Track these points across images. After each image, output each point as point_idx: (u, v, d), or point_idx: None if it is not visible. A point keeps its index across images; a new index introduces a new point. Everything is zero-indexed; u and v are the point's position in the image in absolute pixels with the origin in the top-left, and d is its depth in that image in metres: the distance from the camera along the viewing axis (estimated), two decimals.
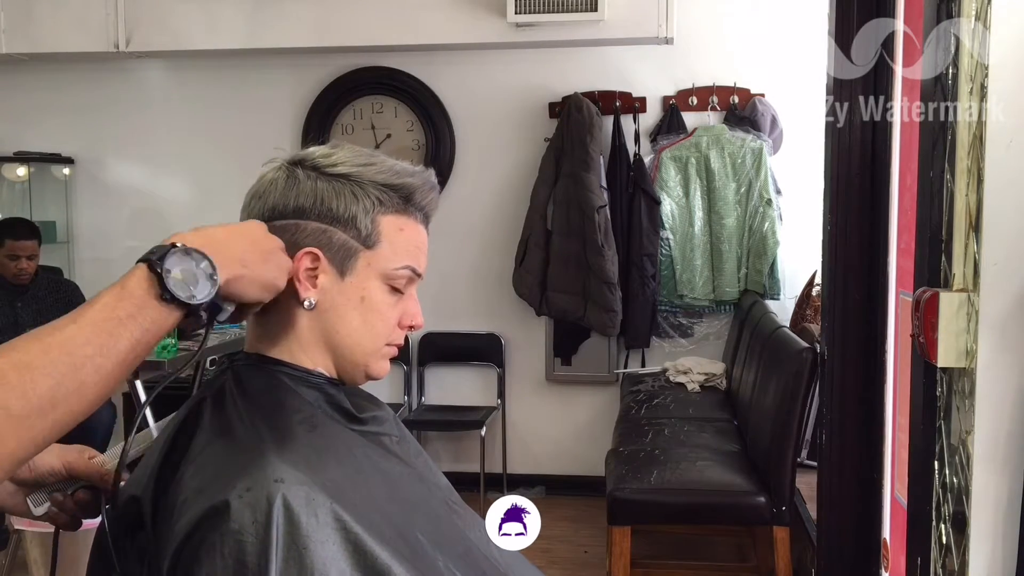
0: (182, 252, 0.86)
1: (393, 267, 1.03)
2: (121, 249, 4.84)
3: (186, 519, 0.87)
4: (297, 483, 0.87)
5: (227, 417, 0.96)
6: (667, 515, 3.17)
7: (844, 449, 2.39)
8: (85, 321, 0.80)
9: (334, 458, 0.95)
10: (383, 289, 1.04)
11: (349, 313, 1.02)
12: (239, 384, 1.00)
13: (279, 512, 0.85)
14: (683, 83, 4.35)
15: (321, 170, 1.02)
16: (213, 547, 0.84)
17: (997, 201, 1.40)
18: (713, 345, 4.45)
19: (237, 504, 0.85)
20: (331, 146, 1.06)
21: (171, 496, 0.91)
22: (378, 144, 4.53)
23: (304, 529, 0.86)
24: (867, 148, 2.31)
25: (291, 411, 0.98)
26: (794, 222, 4.24)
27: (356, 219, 1.01)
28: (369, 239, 1.02)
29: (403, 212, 1.04)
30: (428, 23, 4.08)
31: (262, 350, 1.03)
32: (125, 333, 0.81)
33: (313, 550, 0.85)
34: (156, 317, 0.84)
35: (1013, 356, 1.42)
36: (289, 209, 1.01)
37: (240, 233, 0.95)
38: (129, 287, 0.84)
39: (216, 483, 0.87)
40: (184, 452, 0.95)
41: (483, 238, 4.53)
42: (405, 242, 1.04)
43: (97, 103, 4.76)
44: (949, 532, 1.52)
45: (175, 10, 4.23)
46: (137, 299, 0.83)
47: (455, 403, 4.62)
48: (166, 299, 0.84)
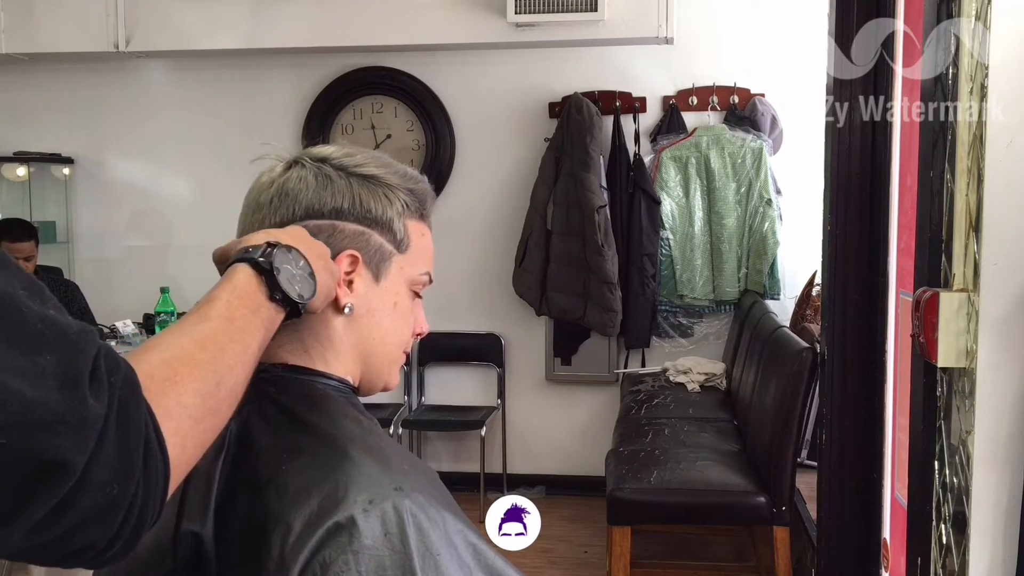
0: (284, 250, 0.83)
1: (418, 272, 1.01)
2: (121, 249, 4.85)
3: (299, 545, 0.79)
4: (412, 490, 0.84)
5: (290, 434, 0.89)
6: (667, 515, 3.16)
7: (844, 449, 2.39)
8: (220, 319, 0.76)
9: (410, 467, 0.91)
10: (408, 295, 1.01)
11: (385, 319, 0.98)
12: (283, 399, 0.92)
13: (410, 521, 0.81)
14: (683, 83, 4.35)
15: (349, 170, 0.97)
16: (346, 567, 0.78)
17: (997, 201, 1.41)
18: (713, 345, 4.45)
19: (364, 519, 0.80)
20: (340, 146, 1.01)
21: (238, 528, 0.84)
22: (378, 144, 4.53)
23: (432, 535, 0.82)
24: (867, 148, 2.31)
25: (352, 420, 0.92)
26: (794, 222, 4.24)
27: (392, 222, 0.97)
28: (402, 243, 0.98)
29: (421, 218, 1.02)
30: (428, 23, 4.08)
31: (288, 359, 0.95)
32: (255, 332, 0.79)
33: (445, 555, 0.82)
34: (270, 316, 0.81)
35: (1013, 356, 1.42)
36: (326, 209, 0.95)
37: (297, 239, 0.89)
38: (240, 286, 0.80)
39: (324, 501, 0.81)
40: (250, 477, 0.86)
41: (483, 238, 4.53)
42: (425, 248, 1.02)
43: (97, 103, 4.76)
44: (949, 532, 1.52)
45: (175, 10, 4.23)
46: (252, 298, 0.80)
47: (455, 403, 4.62)
48: (276, 299, 0.82)
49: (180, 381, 0.68)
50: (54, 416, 0.56)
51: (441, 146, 4.50)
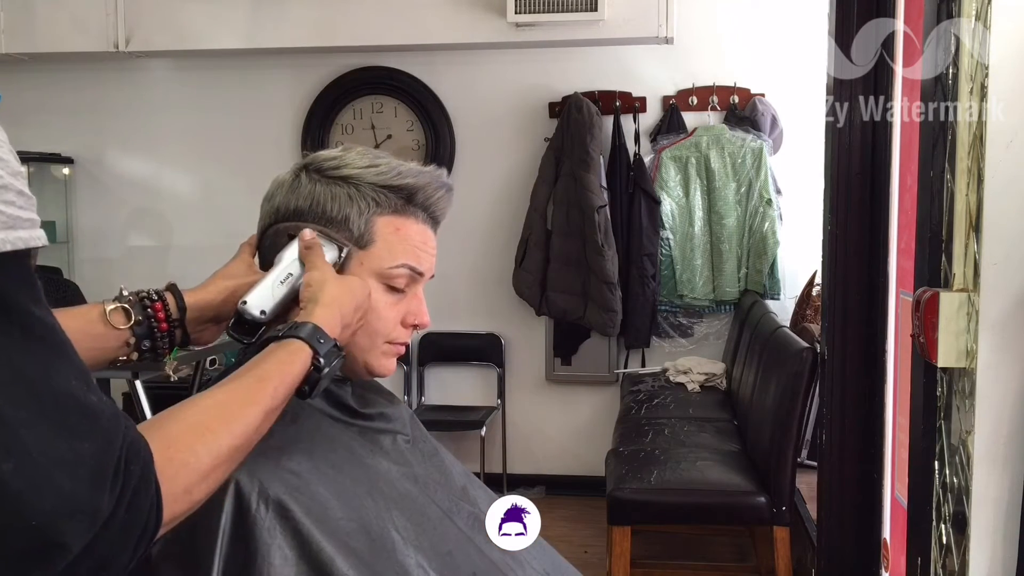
0: (340, 357, 0.95)
1: (388, 266, 1.06)
2: (121, 249, 4.84)
3: None
4: (250, 472, 0.91)
5: None
6: (667, 515, 3.16)
7: (844, 449, 2.39)
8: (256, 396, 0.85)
9: (304, 450, 0.98)
10: (380, 288, 1.06)
11: None
12: None
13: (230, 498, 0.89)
14: (683, 83, 4.35)
15: (323, 172, 1.06)
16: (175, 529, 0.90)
17: (997, 201, 1.41)
18: (713, 345, 4.45)
19: None
20: (343, 149, 1.09)
21: None
22: (378, 144, 4.52)
23: (252, 516, 0.90)
24: (867, 148, 2.31)
25: None
26: (794, 222, 4.24)
27: (349, 220, 1.04)
28: (362, 239, 1.05)
29: (402, 213, 1.07)
30: (428, 23, 4.08)
31: None
32: (276, 409, 0.88)
33: (259, 536, 0.89)
34: (289, 398, 0.91)
35: (1013, 356, 1.42)
36: (290, 211, 1.05)
37: (351, 295, 1.00)
38: (291, 372, 0.89)
39: None
40: None
41: (483, 238, 4.53)
42: (401, 242, 1.06)
43: (97, 103, 4.76)
44: (949, 532, 1.52)
45: (175, 10, 4.22)
46: (291, 386, 0.89)
47: (455, 403, 4.62)
48: (303, 392, 0.91)
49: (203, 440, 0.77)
50: (77, 508, 0.63)
51: (441, 146, 4.50)
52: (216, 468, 0.77)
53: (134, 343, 0.97)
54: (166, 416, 0.77)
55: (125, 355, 0.98)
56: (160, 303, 0.99)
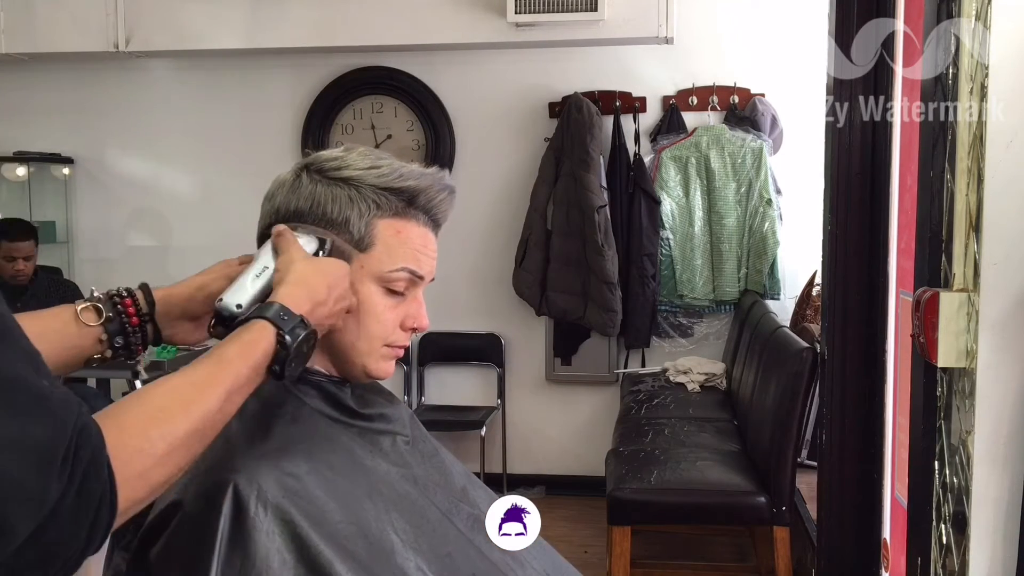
0: (309, 332, 0.92)
1: (388, 269, 1.04)
2: (121, 249, 4.84)
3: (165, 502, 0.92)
4: (248, 475, 0.91)
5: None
6: (667, 515, 3.16)
7: (844, 449, 2.39)
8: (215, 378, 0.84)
9: (304, 453, 0.97)
10: (379, 291, 1.05)
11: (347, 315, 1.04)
12: None
13: (228, 500, 0.89)
14: (683, 83, 4.35)
15: (325, 173, 1.04)
16: (175, 531, 0.91)
17: (997, 201, 1.41)
18: (713, 345, 4.44)
19: (193, 491, 0.91)
20: (344, 149, 1.07)
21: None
22: (378, 144, 4.52)
23: (251, 519, 0.89)
24: (867, 148, 2.31)
25: (273, 406, 1.01)
26: (794, 222, 4.23)
27: (349, 222, 1.03)
28: (362, 242, 1.03)
29: (403, 215, 1.06)
30: (428, 23, 4.08)
31: None
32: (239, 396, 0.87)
33: (257, 539, 0.89)
34: (258, 379, 0.90)
35: (1013, 356, 1.42)
36: (290, 212, 1.04)
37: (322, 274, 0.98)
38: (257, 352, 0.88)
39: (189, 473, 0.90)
40: None
41: (483, 238, 4.53)
42: (402, 245, 1.05)
43: (97, 103, 4.76)
44: (949, 532, 1.52)
45: (175, 10, 4.22)
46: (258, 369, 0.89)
47: (455, 403, 4.62)
48: (275, 371, 0.90)
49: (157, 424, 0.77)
50: (25, 494, 0.63)
51: (441, 146, 4.50)
52: (172, 452, 0.76)
53: (107, 340, 0.97)
54: (124, 402, 0.77)
55: (99, 353, 0.98)
56: (130, 299, 0.99)
